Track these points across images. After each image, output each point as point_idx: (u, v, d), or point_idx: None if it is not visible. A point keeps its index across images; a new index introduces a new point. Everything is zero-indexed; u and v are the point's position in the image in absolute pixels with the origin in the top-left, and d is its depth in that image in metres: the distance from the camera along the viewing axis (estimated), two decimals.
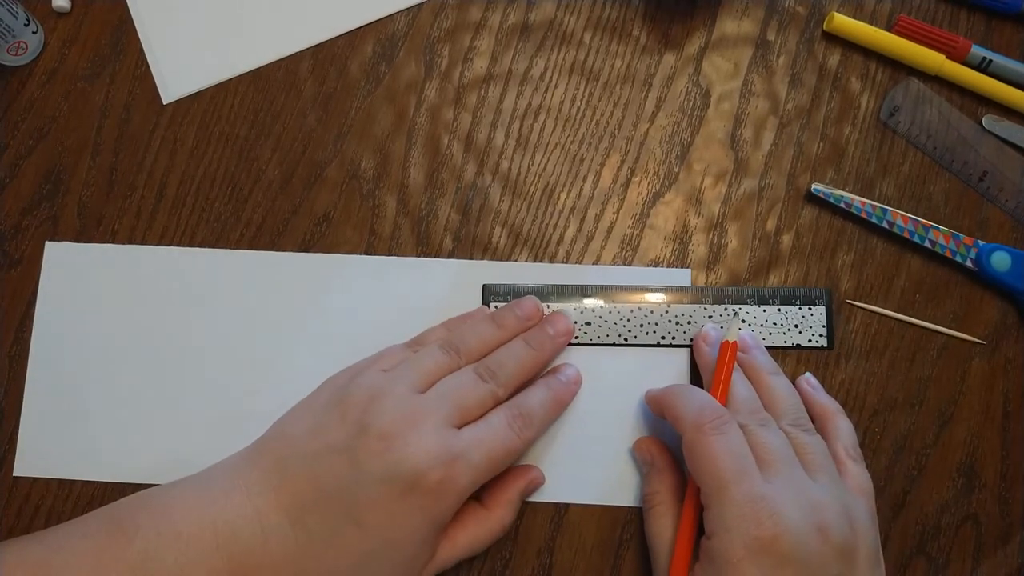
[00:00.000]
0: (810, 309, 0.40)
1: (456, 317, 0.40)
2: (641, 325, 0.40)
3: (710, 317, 0.40)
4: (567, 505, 0.39)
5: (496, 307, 0.40)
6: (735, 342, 0.37)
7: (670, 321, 0.40)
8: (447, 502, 0.32)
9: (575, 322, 0.40)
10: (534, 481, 0.38)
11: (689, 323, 0.40)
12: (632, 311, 0.40)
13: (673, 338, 0.40)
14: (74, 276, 0.41)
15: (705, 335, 0.39)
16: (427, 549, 0.33)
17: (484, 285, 0.40)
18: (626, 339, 0.40)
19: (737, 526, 0.31)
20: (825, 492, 0.33)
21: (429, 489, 0.32)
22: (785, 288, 0.41)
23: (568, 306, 0.40)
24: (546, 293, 0.40)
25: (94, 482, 0.39)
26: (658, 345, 0.40)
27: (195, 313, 0.40)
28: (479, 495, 0.36)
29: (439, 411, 0.33)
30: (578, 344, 0.40)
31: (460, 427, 0.34)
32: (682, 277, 0.41)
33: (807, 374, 0.39)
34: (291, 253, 0.41)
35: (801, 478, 0.33)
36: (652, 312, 0.40)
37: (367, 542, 0.32)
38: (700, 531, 0.34)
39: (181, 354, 0.40)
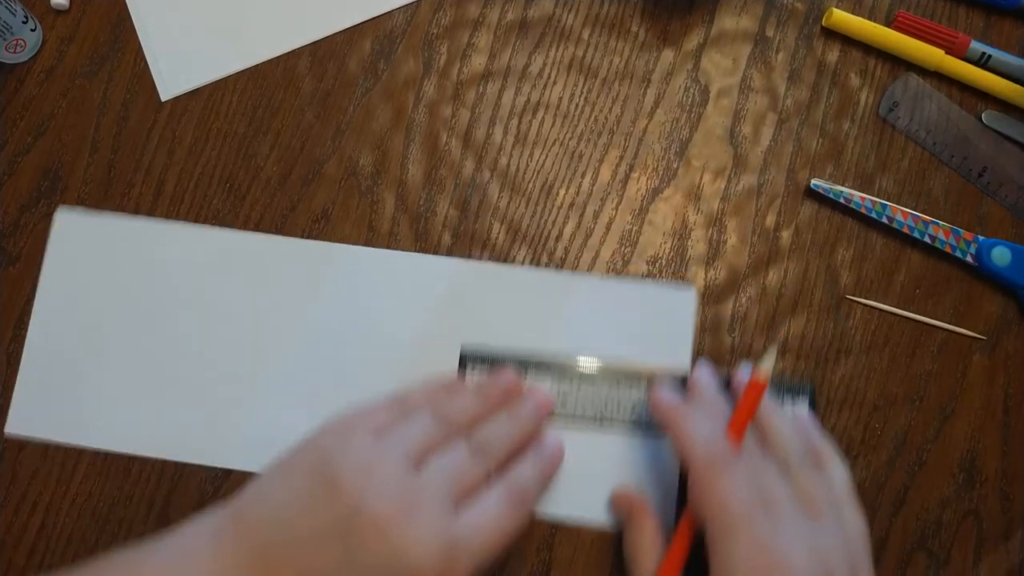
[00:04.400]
0: (792, 402, 0.39)
1: (437, 385, 0.38)
2: (619, 405, 0.39)
3: None
4: None
5: (474, 372, 0.39)
6: (765, 382, 0.35)
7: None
8: None
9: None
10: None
11: None
12: (610, 387, 0.39)
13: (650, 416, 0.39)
14: (81, 246, 0.41)
15: (661, 393, 0.37)
16: None
17: (462, 353, 0.39)
18: (602, 419, 0.39)
19: (746, 571, 0.31)
20: (829, 536, 0.32)
21: None
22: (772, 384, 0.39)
23: (546, 381, 0.39)
24: (527, 366, 0.39)
25: (90, 453, 0.39)
26: (636, 423, 0.39)
27: (200, 290, 0.40)
28: None
29: (437, 493, 0.31)
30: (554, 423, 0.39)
31: (457, 504, 0.32)
32: (687, 296, 0.40)
33: (804, 412, 0.39)
34: (297, 239, 0.41)
35: (806, 523, 0.32)
36: (631, 392, 0.39)
37: None
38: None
39: (183, 330, 0.40)
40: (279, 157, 0.42)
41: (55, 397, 0.39)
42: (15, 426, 0.39)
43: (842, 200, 0.41)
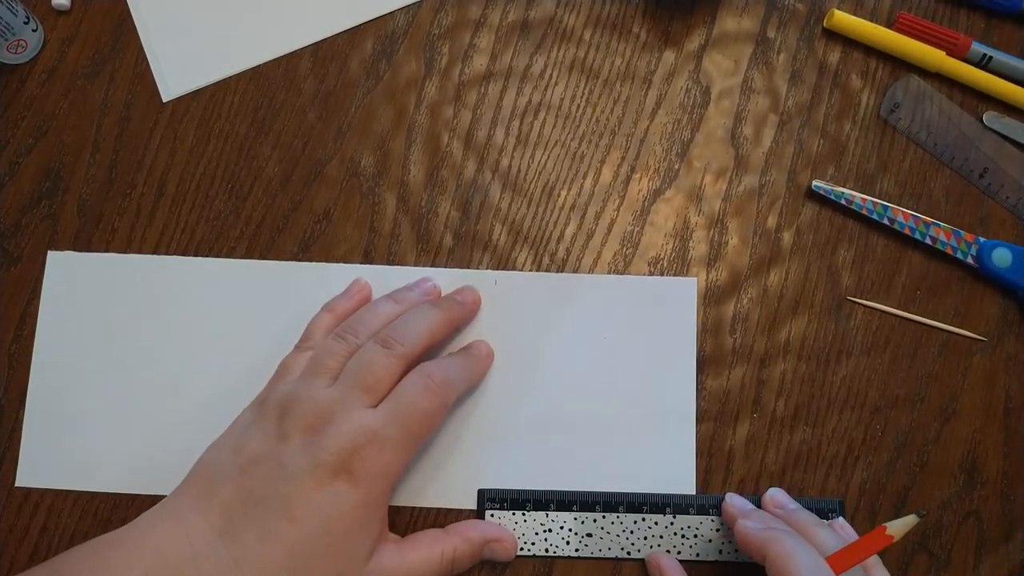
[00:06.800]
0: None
1: (339, 298, 0.40)
2: (645, 538, 0.38)
3: (717, 530, 0.38)
4: None
5: (492, 515, 0.38)
6: (891, 539, 0.33)
7: (675, 534, 0.38)
8: (372, 479, 0.33)
9: (575, 532, 0.38)
10: (502, 541, 0.37)
11: (696, 536, 0.38)
12: (635, 522, 0.38)
13: (679, 552, 0.38)
14: (76, 286, 0.40)
15: (740, 512, 0.37)
16: (365, 538, 0.33)
17: (479, 490, 0.38)
18: (628, 552, 0.38)
19: None
20: None
21: (352, 470, 0.32)
22: (801, 498, 0.39)
23: (568, 516, 0.38)
24: (546, 501, 0.38)
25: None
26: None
27: (198, 322, 0.40)
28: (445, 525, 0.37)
29: (350, 396, 0.34)
30: (578, 557, 0.38)
31: (376, 404, 0.34)
32: (688, 286, 0.41)
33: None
34: (291, 262, 0.41)
35: None
36: (656, 524, 0.38)
37: (300, 534, 0.32)
38: None
39: (184, 364, 0.40)
40: (281, 158, 0.42)
41: (61, 446, 0.39)
42: (25, 478, 0.39)
43: (843, 201, 0.41)
